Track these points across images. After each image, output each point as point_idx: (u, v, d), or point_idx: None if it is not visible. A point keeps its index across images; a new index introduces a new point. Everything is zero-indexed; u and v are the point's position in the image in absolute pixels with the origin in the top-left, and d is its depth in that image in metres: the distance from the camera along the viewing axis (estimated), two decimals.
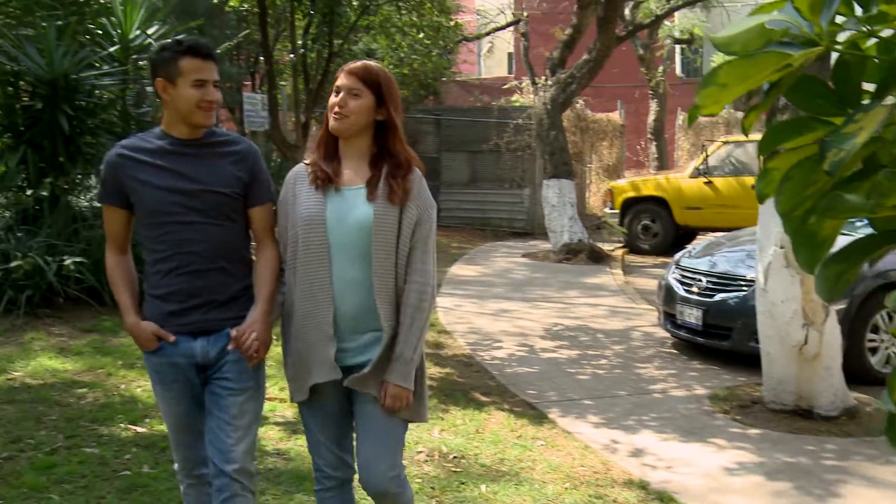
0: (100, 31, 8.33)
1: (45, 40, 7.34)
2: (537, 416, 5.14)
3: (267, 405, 4.97)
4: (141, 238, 2.79)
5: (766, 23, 1.03)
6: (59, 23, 7.66)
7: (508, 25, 16.89)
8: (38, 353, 5.93)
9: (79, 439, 4.36)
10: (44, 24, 7.63)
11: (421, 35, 8.49)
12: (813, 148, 1.10)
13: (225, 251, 2.71)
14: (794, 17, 1.04)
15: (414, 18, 8.76)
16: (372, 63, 2.74)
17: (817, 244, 1.12)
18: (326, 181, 2.64)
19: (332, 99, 2.63)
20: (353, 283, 2.60)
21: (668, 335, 7.12)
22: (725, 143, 12.74)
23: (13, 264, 6.67)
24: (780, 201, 1.15)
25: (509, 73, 27.02)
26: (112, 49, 7.95)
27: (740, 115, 20.22)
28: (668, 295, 6.85)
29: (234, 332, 2.64)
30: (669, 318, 6.85)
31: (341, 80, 2.60)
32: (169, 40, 2.74)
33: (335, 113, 2.61)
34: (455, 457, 4.39)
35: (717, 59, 21.75)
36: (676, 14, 18.37)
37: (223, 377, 2.72)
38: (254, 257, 2.84)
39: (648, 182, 13.29)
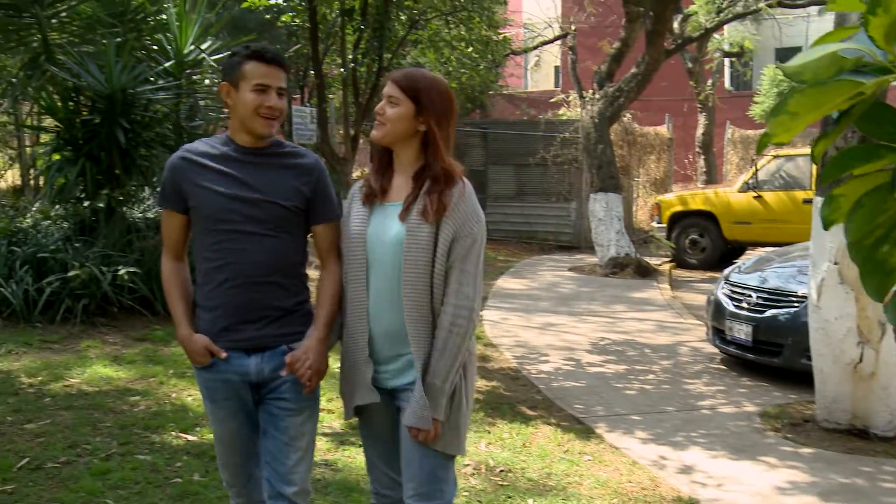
0: (155, 47, 8.52)
1: (104, 57, 7.52)
2: (584, 431, 5.10)
3: None
4: (195, 246, 2.68)
5: (839, 51, 1.02)
6: (118, 40, 7.84)
7: (556, 39, 16.86)
8: (93, 360, 6.05)
9: (132, 446, 4.43)
10: (104, 41, 7.82)
11: (469, 49, 8.52)
12: (883, 175, 1.08)
13: (281, 264, 2.61)
14: (867, 46, 1.03)
15: (462, 32, 8.79)
16: (417, 71, 2.61)
17: (887, 272, 1.10)
18: (372, 196, 2.57)
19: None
20: (388, 303, 2.50)
21: (716, 351, 7.02)
22: (776, 157, 12.54)
23: (71, 274, 6.82)
24: (850, 229, 1.13)
25: (556, 86, 26.96)
26: (167, 64, 8.12)
27: None
28: (717, 310, 6.75)
29: (288, 358, 2.58)
30: (718, 334, 6.75)
31: (385, 87, 2.55)
32: (240, 46, 2.66)
33: (375, 120, 2.56)
34: (502, 470, 4.37)
35: (768, 72, 21.50)
36: (726, 27, 18.16)
37: (281, 397, 2.63)
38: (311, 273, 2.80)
39: (696, 196, 13.15)
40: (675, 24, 14.23)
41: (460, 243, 2.44)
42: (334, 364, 2.72)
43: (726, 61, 23.94)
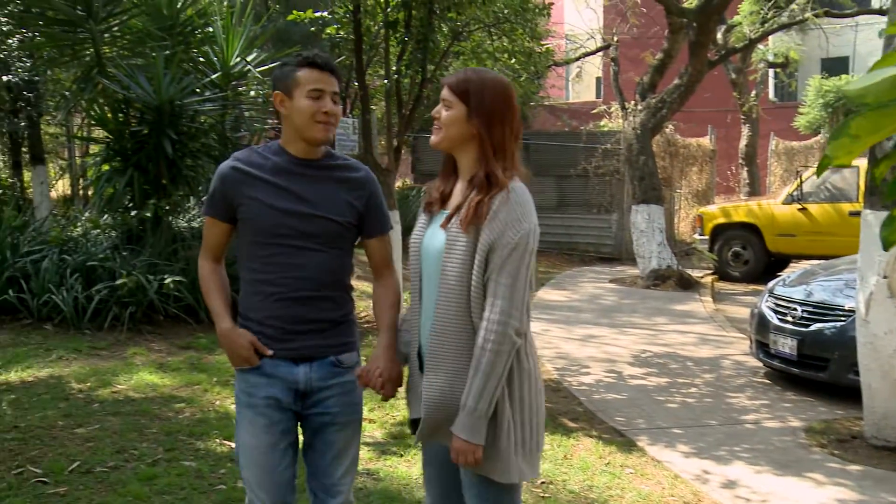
0: (202, 59, 8.68)
1: (154, 69, 7.67)
2: (626, 444, 5.06)
3: None
4: (242, 255, 2.61)
5: None
6: (167, 52, 7.99)
7: (599, 50, 16.81)
8: (139, 367, 6.15)
9: (177, 452, 4.49)
10: (153, 54, 7.99)
11: (512, 61, 8.54)
12: None
13: (331, 279, 2.58)
14: None
15: (505, 44, 8.81)
16: (472, 70, 2.46)
17: None
18: (431, 204, 2.49)
19: None
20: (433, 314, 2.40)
21: (760, 364, 6.93)
22: None
23: (118, 282, 6.95)
24: None
25: (597, 97, 26.87)
26: (214, 76, 8.25)
27: None
28: (761, 323, 6.66)
29: (358, 371, 2.56)
30: (762, 348, 6.66)
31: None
32: (290, 56, 2.64)
33: (433, 125, 2.48)
34: (543, 482, 4.35)
35: (813, 82, 21.19)
36: (770, 37, 17.97)
37: (328, 411, 2.61)
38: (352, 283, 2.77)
39: (739, 208, 13.00)
40: (719, 35, 14.09)
41: (497, 254, 2.26)
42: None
43: (770, 72, 23.67)
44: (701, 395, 6.25)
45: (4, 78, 11.93)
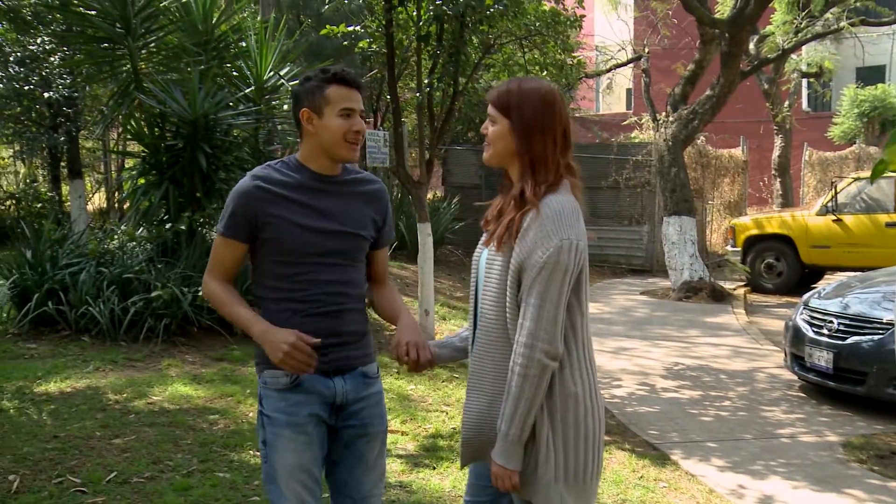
0: (236, 74, 8.78)
1: (188, 84, 7.77)
2: (659, 457, 5.02)
3: (389, 437, 5.06)
4: (263, 274, 2.56)
5: None
6: (202, 67, 8.10)
7: (630, 62, 16.74)
8: (174, 379, 6.21)
9: (212, 464, 4.53)
10: (188, 69, 8.10)
11: (544, 73, 8.54)
12: None
13: (356, 291, 2.59)
14: None
15: (537, 56, 8.81)
16: (514, 81, 2.38)
17: None
18: (486, 221, 2.42)
19: None
20: None
21: (795, 378, 6.84)
22: (857, 179, 12.20)
23: (154, 294, 7.03)
24: None
25: (628, 108, 26.77)
26: (248, 90, 8.34)
27: (872, 150, 19.34)
28: (796, 336, 6.58)
29: (392, 348, 2.50)
30: (797, 361, 6.58)
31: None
32: (313, 70, 2.59)
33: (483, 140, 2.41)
34: None
35: (848, 92, 20.96)
36: (804, 46, 17.79)
37: (360, 423, 2.59)
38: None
39: (773, 219, 12.87)
40: (751, 46, 13.99)
41: (527, 274, 2.19)
42: (407, 385, 2.72)
43: (804, 82, 23.43)
44: (735, 408, 6.19)
45: (46, 94, 12.17)
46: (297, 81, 2.61)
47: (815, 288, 8.08)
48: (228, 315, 2.52)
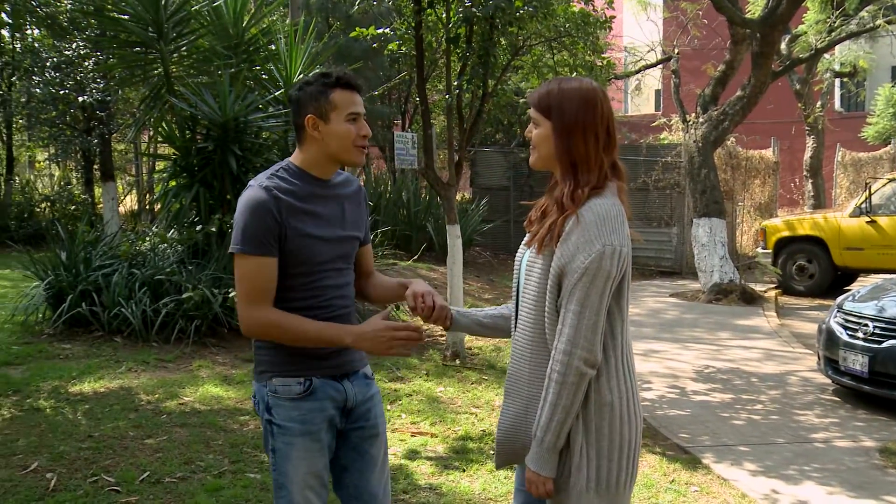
0: (266, 76, 8.83)
1: (219, 87, 7.83)
2: (690, 461, 4.97)
3: (418, 440, 5.06)
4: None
5: None
6: (232, 70, 8.16)
7: (659, 63, 16.64)
8: (204, 380, 6.25)
9: (242, 464, 4.55)
10: (219, 72, 8.16)
11: (573, 75, 8.50)
12: None
13: (352, 293, 2.60)
14: None
15: (566, 57, 8.76)
16: (553, 82, 2.32)
17: None
18: (529, 221, 2.36)
19: None
20: None
21: (828, 381, 6.74)
22: (892, 180, 12.02)
23: (185, 295, 7.09)
24: None
25: (657, 110, 26.59)
26: (277, 93, 8.39)
27: None
28: (830, 339, 6.49)
29: (408, 295, 2.47)
30: (831, 364, 6.49)
31: None
32: (311, 75, 2.54)
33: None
34: None
35: (883, 91, 20.64)
36: (837, 46, 17.55)
37: (368, 424, 2.59)
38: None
39: (804, 221, 12.71)
40: (783, 45, 13.83)
41: (567, 279, 2.13)
42: (436, 387, 2.70)
43: (837, 81, 23.13)
44: (767, 412, 6.11)
45: (80, 98, 12.34)
46: (295, 86, 2.55)
47: (848, 291, 7.97)
48: (307, 339, 2.41)
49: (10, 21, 11.91)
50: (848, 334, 6.32)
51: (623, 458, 2.21)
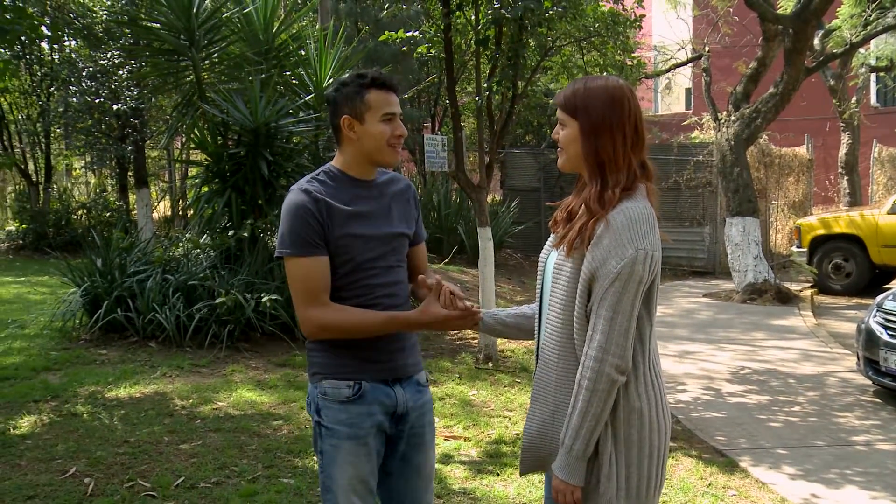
0: (296, 81, 8.86)
1: (250, 92, 7.87)
2: (727, 464, 4.88)
3: (452, 444, 5.03)
4: None
5: None
6: (263, 76, 8.19)
7: (690, 61, 16.46)
8: (238, 384, 6.27)
9: (276, 469, 4.54)
10: (250, 78, 8.19)
11: (604, 75, 8.45)
12: None
13: (404, 293, 2.56)
14: None
15: (596, 57, 8.70)
16: (580, 81, 2.27)
17: None
18: (554, 222, 2.32)
19: None
20: None
21: (868, 382, 6.60)
22: None
23: (218, 301, 7.11)
24: None
25: (687, 108, 26.32)
26: (307, 98, 8.41)
27: None
28: (870, 339, 6.35)
29: (433, 285, 2.43)
30: (871, 365, 6.35)
31: None
32: (347, 76, 2.56)
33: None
34: None
35: None
36: (873, 40, 17.22)
37: (416, 433, 2.57)
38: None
39: (840, 219, 12.50)
40: (816, 41, 13.60)
41: (598, 284, 2.08)
42: (468, 391, 2.67)
43: (873, 76, 22.70)
44: (805, 413, 5.99)
45: (115, 106, 12.48)
46: (332, 87, 2.54)
47: (888, 289, 7.80)
48: (374, 327, 2.43)
49: (49, 34, 12.08)
50: (889, 334, 6.18)
51: (653, 465, 2.17)
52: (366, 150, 2.47)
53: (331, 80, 8.46)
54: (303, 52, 8.76)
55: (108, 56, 12.88)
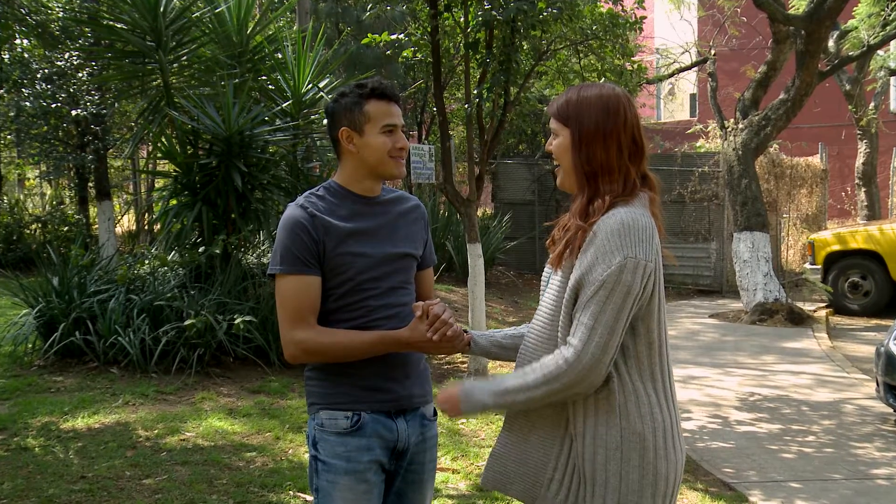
0: (272, 87, 8.88)
1: (222, 98, 7.88)
2: (736, 498, 4.91)
3: (439, 476, 5.03)
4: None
5: None
6: (236, 81, 8.21)
7: (695, 65, 16.62)
8: (208, 413, 6.25)
9: None
10: (222, 83, 8.21)
11: (602, 81, 8.52)
12: None
13: (410, 317, 2.48)
14: None
15: (593, 62, 8.78)
16: (574, 88, 2.32)
17: None
18: (551, 243, 2.35)
19: None
20: None
21: (889, 410, 6.65)
22: None
23: (187, 322, 7.11)
24: None
25: (692, 116, 26.53)
26: (285, 104, 8.43)
27: None
28: (890, 364, 6.40)
29: (420, 306, 2.40)
30: (891, 391, 6.39)
31: None
32: (347, 86, 2.60)
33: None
34: None
35: None
36: (893, 41, 17.41)
37: (416, 470, 2.58)
38: None
39: (857, 233, 12.60)
40: (831, 43, 13.74)
41: (584, 291, 2.12)
42: (457, 420, 2.69)
43: (892, 80, 22.93)
44: (820, 444, 6.03)
45: (73, 112, 12.46)
46: (331, 97, 2.58)
47: None
48: (362, 348, 2.43)
49: None
50: None
51: (658, 496, 2.18)
52: (367, 164, 2.51)
53: (309, 86, 8.50)
54: (279, 56, 8.78)
55: (66, 57, 12.84)
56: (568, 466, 2.21)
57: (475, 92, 7.20)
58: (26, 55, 14.35)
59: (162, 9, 8.29)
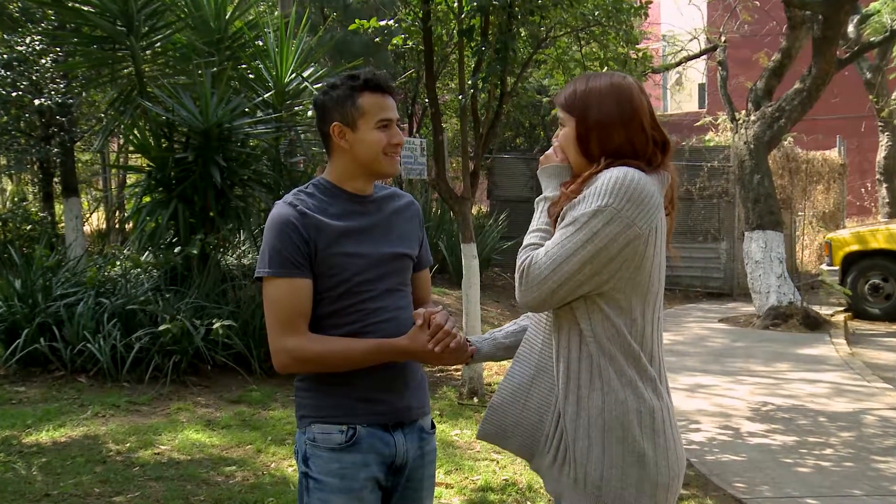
0: (253, 76, 8.88)
1: (199, 88, 7.87)
2: None
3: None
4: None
5: None
6: (214, 69, 8.20)
7: (703, 53, 16.66)
8: (184, 425, 6.26)
9: None
10: (199, 71, 8.20)
11: (605, 69, 8.55)
12: None
13: (409, 321, 2.48)
14: None
15: (595, 50, 8.80)
16: (581, 79, 2.36)
17: None
18: None
19: None
20: None
21: None
22: None
23: (161, 328, 7.11)
24: None
25: (701, 107, 26.62)
26: (266, 95, 8.43)
27: None
28: None
29: (419, 318, 2.40)
30: None
31: None
32: (337, 77, 2.58)
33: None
34: None
35: None
36: None
37: (413, 486, 2.57)
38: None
39: (878, 233, 12.65)
40: (850, 28, 13.78)
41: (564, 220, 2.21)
42: (451, 430, 2.71)
43: None
44: (839, 457, 6.06)
45: (36, 101, 12.41)
46: (320, 89, 2.57)
47: None
48: (357, 357, 2.43)
49: None
50: None
51: (645, 484, 2.21)
52: (359, 161, 2.50)
53: (293, 75, 8.51)
54: (260, 43, 8.79)
55: (28, 42, 12.80)
56: (559, 427, 2.26)
57: (469, 82, 7.20)
58: None
59: None
